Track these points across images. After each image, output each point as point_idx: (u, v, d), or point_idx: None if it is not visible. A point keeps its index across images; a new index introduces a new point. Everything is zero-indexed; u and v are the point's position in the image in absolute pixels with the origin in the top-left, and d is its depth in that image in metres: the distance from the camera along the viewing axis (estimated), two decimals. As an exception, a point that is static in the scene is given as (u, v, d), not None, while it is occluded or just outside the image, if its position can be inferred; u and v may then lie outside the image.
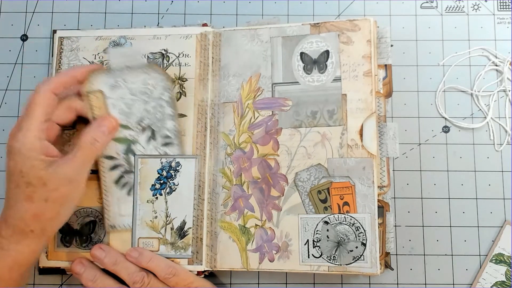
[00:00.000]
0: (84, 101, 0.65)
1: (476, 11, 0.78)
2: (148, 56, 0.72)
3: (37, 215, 0.60)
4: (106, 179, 0.66)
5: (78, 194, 0.63)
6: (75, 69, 0.67)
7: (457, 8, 0.78)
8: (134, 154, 0.67)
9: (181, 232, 0.69)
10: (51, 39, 0.77)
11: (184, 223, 0.69)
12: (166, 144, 0.65)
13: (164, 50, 0.73)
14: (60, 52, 0.74)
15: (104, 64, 0.73)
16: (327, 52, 0.70)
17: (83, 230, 0.70)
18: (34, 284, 0.72)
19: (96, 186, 0.70)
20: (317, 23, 0.71)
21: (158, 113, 0.66)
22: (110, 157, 0.66)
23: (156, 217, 0.69)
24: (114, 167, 0.66)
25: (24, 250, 0.61)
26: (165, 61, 0.72)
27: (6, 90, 0.76)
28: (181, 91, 0.71)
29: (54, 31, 0.75)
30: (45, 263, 0.70)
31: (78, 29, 0.77)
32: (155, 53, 0.73)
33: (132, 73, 0.66)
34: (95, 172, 0.70)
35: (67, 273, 0.71)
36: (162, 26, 0.76)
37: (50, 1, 0.78)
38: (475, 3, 0.78)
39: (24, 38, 0.78)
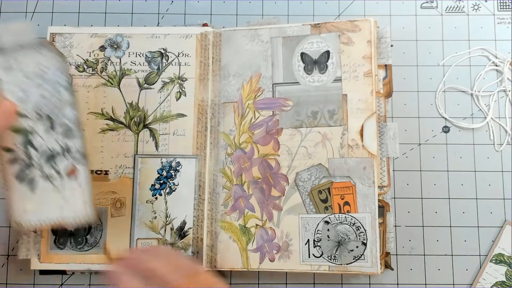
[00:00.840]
0: None
1: (476, 11, 0.78)
2: (146, 55, 0.72)
3: None
4: (6, 172, 0.58)
5: None
6: None
7: (457, 8, 0.78)
8: (33, 146, 0.58)
9: (181, 233, 0.69)
10: (48, 37, 0.77)
11: (184, 223, 0.69)
12: (66, 136, 0.58)
13: (163, 49, 0.73)
14: None
15: (100, 62, 0.72)
16: (328, 52, 0.70)
17: (78, 232, 0.70)
18: (34, 284, 0.72)
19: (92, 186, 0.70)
20: (318, 24, 0.71)
21: (55, 99, 0.57)
22: (8, 149, 0.57)
23: (155, 217, 0.69)
24: (14, 161, 0.58)
25: None
26: (164, 60, 0.72)
27: (6, 90, 0.76)
28: (181, 90, 0.71)
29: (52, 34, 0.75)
30: (37, 265, 0.69)
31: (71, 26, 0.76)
32: (154, 52, 0.73)
33: (25, 52, 0.57)
34: (91, 173, 0.69)
35: (67, 273, 0.71)
36: (162, 26, 0.76)
37: (50, 1, 0.78)
38: (475, 3, 0.78)
39: (24, 38, 0.77)
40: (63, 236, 0.69)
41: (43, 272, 0.71)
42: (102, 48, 0.73)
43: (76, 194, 0.58)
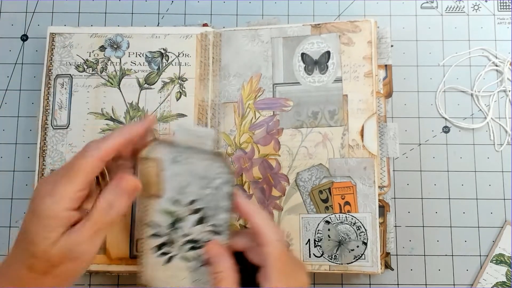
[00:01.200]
0: (138, 165, 0.58)
1: (476, 12, 0.78)
2: (146, 55, 0.72)
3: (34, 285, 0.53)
4: (145, 243, 0.60)
5: (84, 268, 0.54)
6: (131, 129, 0.56)
7: (457, 8, 0.78)
8: (179, 231, 0.60)
9: (181, 233, 0.69)
10: (48, 37, 0.77)
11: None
12: (214, 233, 0.59)
13: (163, 49, 0.72)
14: (51, 48, 0.73)
15: (100, 62, 0.72)
16: (328, 53, 0.70)
17: None
18: (34, 284, 0.72)
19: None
20: (318, 24, 0.71)
21: (212, 202, 0.58)
22: (154, 225, 0.59)
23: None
24: (155, 236, 0.59)
25: None
26: (164, 60, 0.72)
27: (6, 90, 0.76)
28: (181, 90, 0.71)
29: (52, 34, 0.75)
30: None
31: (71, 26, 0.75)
32: (154, 52, 0.73)
33: (197, 155, 0.58)
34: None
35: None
36: (162, 26, 0.76)
37: (50, 1, 0.78)
38: (475, 3, 0.78)
39: (24, 38, 0.77)
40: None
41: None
42: (102, 48, 0.73)
43: (207, 277, 0.59)
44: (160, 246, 0.60)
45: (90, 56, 0.73)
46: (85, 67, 0.72)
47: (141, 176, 0.58)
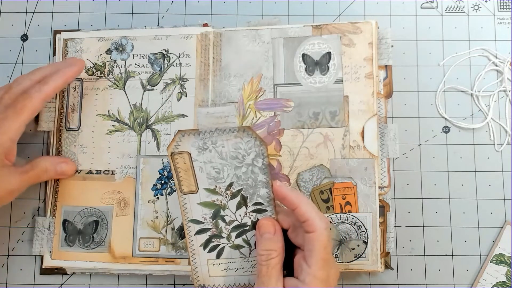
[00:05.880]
0: (170, 163, 0.60)
1: (476, 12, 0.78)
2: (149, 57, 0.73)
3: None
4: (193, 242, 0.62)
5: (10, 200, 0.67)
6: (67, 73, 0.66)
7: (457, 9, 0.78)
8: (223, 220, 0.61)
9: (181, 232, 0.69)
10: (51, 39, 0.77)
11: (185, 223, 0.69)
12: (257, 211, 0.59)
13: (165, 50, 0.73)
14: (65, 54, 0.74)
15: (107, 64, 0.73)
16: (329, 54, 0.70)
17: (86, 230, 0.70)
18: (34, 284, 0.72)
19: (98, 186, 0.71)
20: (319, 25, 0.71)
21: (250, 179, 0.59)
22: (197, 221, 0.61)
23: (157, 217, 0.69)
24: (201, 231, 0.61)
25: None
26: (166, 62, 0.72)
27: (6, 90, 0.76)
28: (182, 91, 0.71)
29: (56, 32, 0.75)
30: (49, 262, 0.70)
31: (79, 30, 0.76)
32: (156, 53, 0.73)
33: (223, 135, 0.58)
34: (99, 173, 0.71)
35: (68, 273, 0.71)
36: (162, 26, 0.76)
37: (50, 1, 0.78)
38: (475, 3, 0.78)
39: (24, 38, 0.77)
40: (73, 233, 0.70)
41: (43, 272, 0.71)
42: (109, 51, 0.73)
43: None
44: (208, 241, 0.61)
45: (98, 59, 0.73)
46: (94, 70, 0.73)
47: (174, 173, 0.59)
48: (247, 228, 0.60)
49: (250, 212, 0.59)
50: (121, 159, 0.71)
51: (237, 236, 0.60)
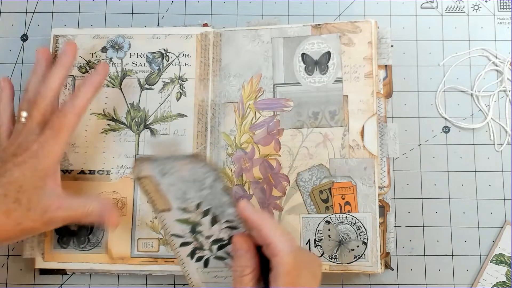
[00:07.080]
0: (138, 186, 0.61)
1: (476, 12, 0.78)
2: (147, 56, 0.72)
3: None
4: (180, 253, 0.61)
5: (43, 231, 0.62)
6: (94, 82, 0.64)
7: (457, 9, 0.78)
8: (202, 235, 0.61)
9: (181, 232, 0.69)
10: (52, 39, 0.77)
11: (185, 224, 0.69)
12: (230, 227, 0.59)
13: (164, 49, 0.73)
14: (55, 50, 0.73)
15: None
16: (329, 53, 0.70)
17: (81, 232, 0.69)
18: (34, 284, 0.72)
19: (93, 187, 0.70)
20: (318, 25, 0.71)
21: (215, 199, 0.59)
22: (177, 236, 0.60)
23: (155, 217, 0.69)
24: (185, 244, 0.61)
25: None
26: (164, 61, 0.72)
27: (6, 90, 0.76)
28: (181, 91, 0.71)
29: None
30: (41, 264, 0.69)
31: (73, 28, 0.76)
32: (155, 52, 0.73)
33: (178, 162, 0.58)
34: (92, 173, 0.70)
35: (67, 273, 0.71)
36: (162, 26, 0.76)
37: (50, 1, 0.78)
38: (475, 3, 0.78)
39: (24, 38, 0.77)
40: (67, 235, 0.70)
41: (43, 272, 0.71)
42: (104, 49, 0.73)
43: None
44: (193, 252, 0.61)
45: (92, 57, 0.73)
46: (88, 68, 0.72)
47: (144, 195, 0.60)
48: (225, 242, 0.60)
49: (224, 228, 0.59)
50: (117, 159, 0.70)
51: (219, 249, 0.60)
